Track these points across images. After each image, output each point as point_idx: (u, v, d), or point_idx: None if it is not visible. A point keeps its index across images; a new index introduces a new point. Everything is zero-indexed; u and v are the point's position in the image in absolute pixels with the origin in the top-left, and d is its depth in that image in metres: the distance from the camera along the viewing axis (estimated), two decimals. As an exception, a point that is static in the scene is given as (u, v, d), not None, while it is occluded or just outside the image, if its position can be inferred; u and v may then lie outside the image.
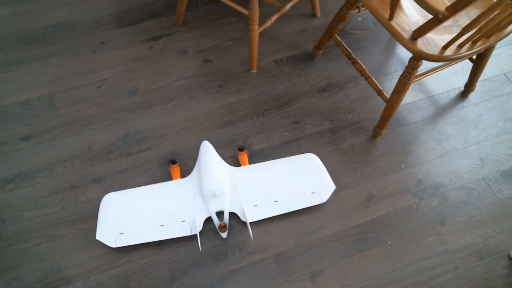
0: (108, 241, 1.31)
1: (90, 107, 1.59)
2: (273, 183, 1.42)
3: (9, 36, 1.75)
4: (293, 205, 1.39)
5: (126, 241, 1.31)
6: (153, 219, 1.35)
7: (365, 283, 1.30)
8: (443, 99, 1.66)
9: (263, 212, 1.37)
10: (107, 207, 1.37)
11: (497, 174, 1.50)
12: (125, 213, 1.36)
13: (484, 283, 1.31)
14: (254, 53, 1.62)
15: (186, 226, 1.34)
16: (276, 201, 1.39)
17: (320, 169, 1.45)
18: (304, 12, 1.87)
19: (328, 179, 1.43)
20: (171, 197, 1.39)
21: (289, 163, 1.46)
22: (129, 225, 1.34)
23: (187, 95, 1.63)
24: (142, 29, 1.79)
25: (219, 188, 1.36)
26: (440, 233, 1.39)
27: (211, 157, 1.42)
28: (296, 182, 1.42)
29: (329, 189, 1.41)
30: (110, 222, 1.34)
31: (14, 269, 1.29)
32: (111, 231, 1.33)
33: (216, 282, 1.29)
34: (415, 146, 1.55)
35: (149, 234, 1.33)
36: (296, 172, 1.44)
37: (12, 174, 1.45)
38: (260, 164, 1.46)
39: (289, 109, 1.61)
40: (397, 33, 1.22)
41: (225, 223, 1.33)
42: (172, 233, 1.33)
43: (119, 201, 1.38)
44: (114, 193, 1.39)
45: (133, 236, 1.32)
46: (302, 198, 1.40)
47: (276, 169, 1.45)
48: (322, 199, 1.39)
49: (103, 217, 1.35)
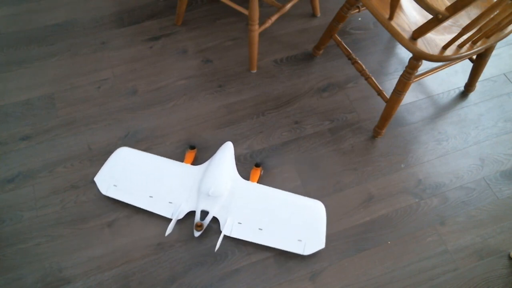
0: (102, 187, 1.39)
1: (90, 107, 1.59)
2: (269, 212, 1.36)
3: (9, 36, 1.75)
4: (273, 242, 1.32)
5: (115, 195, 1.38)
6: (147, 188, 1.39)
7: (365, 283, 1.30)
8: (443, 99, 1.66)
9: (243, 232, 1.33)
10: (117, 158, 1.44)
11: (497, 174, 1.50)
12: (127, 170, 1.42)
13: (484, 283, 1.31)
14: (254, 53, 1.62)
15: (170, 208, 1.37)
16: (261, 230, 1.33)
17: (320, 222, 1.35)
18: (304, 12, 1.87)
19: (321, 236, 1.33)
20: (172, 176, 1.41)
21: (294, 201, 1.39)
22: (125, 182, 1.40)
23: (187, 95, 1.63)
24: (142, 29, 1.79)
25: (215, 190, 1.36)
26: (440, 233, 1.39)
27: (226, 159, 1.41)
28: (290, 222, 1.35)
29: (317, 245, 1.32)
30: (112, 171, 1.41)
31: (14, 269, 1.29)
32: (108, 180, 1.40)
33: (216, 282, 1.29)
34: (415, 146, 1.55)
35: (136, 199, 1.38)
36: (296, 213, 1.36)
37: (12, 174, 1.45)
38: (266, 188, 1.41)
39: (289, 109, 1.61)
40: (397, 33, 1.22)
41: (203, 223, 1.32)
42: (155, 208, 1.37)
43: (129, 158, 1.44)
44: (128, 149, 1.46)
45: (123, 193, 1.38)
46: (287, 240, 1.32)
47: (278, 201, 1.39)
48: (305, 252, 1.30)
49: (109, 165, 1.43)
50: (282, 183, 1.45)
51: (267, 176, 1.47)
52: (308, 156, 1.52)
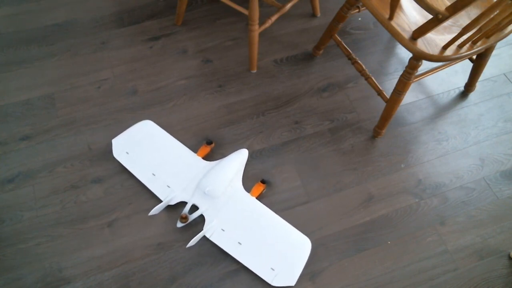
0: (115, 150, 1.45)
1: (90, 107, 1.59)
2: (254, 230, 1.33)
3: (9, 36, 1.75)
4: (247, 260, 1.29)
5: (123, 161, 1.44)
6: (153, 165, 1.43)
7: (365, 283, 1.30)
8: (443, 99, 1.66)
9: (221, 240, 1.31)
10: (140, 128, 1.51)
11: (497, 174, 1.50)
12: (143, 143, 1.47)
13: (484, 283, 1.31)
14: (254, 53, 1.62)
15: (165, 191, 1.39)
16: (240, 244, 1.31)
17: (300, 259, 1.30)
18: (304, 12, 1.86)
19: (296, 273, 1.28)
20: (180, 163, 1.44)
21: (284, 229, 1.34)
22: (137, 153, 1.45)
23: (187, 95, 1.63)
24: (142, 29, 1.79)
25: (211, 190, 1.36)
26: (440, 233, 1.39)
27: (235, 165, 1.41)
28: (270, 248, 1.30)
29: (287, 281, 1.26)
30: (129, 140, 1.47)
31: (14, 269, 1.29)
32: (124, 146, 1.46)
33: (216, 282, 1.29)
34: (415, 146, 1.55)
35: (139, 172, 1.43)
36: (281, 241, 1.32)
37: (12, 174, 1.45)
38: (262, 206, 1.38)
39: (289, 109, 1.61)
40: (397, 33, 1.22)
41: (187, 216, 1.33)
42: (152, 187, 1.40)
43: (150, 132, 1.50)
44: (152, 123, 1.52)
45: (131, 162, 1.44)
46: (260, 264, 1.28)
47: (269, 223, 1.35)
48: (273, 282, 1.26)
49: (130, 133, 1.49)
50: (282, 183, 1.45)
51: (267, 176, 1.47)
52: (308, 156, 1.52)
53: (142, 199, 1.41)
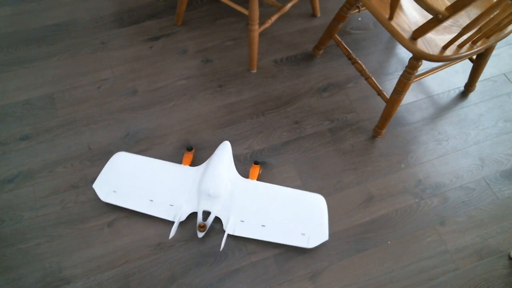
0: (101, 194, 1.37)
1: (90, 107, 1.59)
2: (270, 208, 1.37)
3: (9, 36, 1.75)
4: (277, 237, 1.33)
5: (115, 200, 1.37)
6: (147, 191, 1.38)
7: (365, 283, 1.30)
8: (443, 99, 1.66)
9: (246, 230, 1.34)
10: (114, 163, 1.43)
11: (497, 174, 1.50)
12: (126, 175, 1.41)
13: (484, 283, 1.31)
14: (254, 53, 1.62)
15: (171, 211, 1.36)
16: (264, 226, 1.34)
17: (322, 215, 1.37)
18: (304, 12, 1.87)
19: (324, 228, 1.35)
20: (171, 179, 1.41)
21: (295, 196, 1.40)
22: (125, 187, 1.39)
23: (187, 95, 1.63)
24: (142, 29, 1.79)
25: (215, 190, 1.36)
26: (440, 233, 1.39)
27: (224, 158, 1.41)
28: (292, 217, 1.36)
29: (321, 238, 1.33)
30: (111, 177, 1.40)
31: (14, 269, 1.29)
32: (107, 186, 1.39)
33: (216, 282, 1.29)
34: (415, 146, 1.55)
35: (136, 204, 1.37)
36: (297, 207, 1.37)
37: (12, 174, 1.45)
38: (266, 185, 1.42)
39: (289, 109, 1.61)
40: (397, 33, 1.22)
41: (205, 224, 1.32)
42: (156, 212, 1.36)
43: (126, 162, 1.43)
44: (125, 153, 1.45)
45: (123, 198, 1.37)
46: (290, 234, 1.33)
47: (279, 196, 1.39)
48: (309, 245, 1.32)
49: (107, 171, 1.41)
50: (282, 183, 1.45)
51: (267, 175, 1.47)
52: (308, 156, 1.52)
53: (142, 199, 1.41)
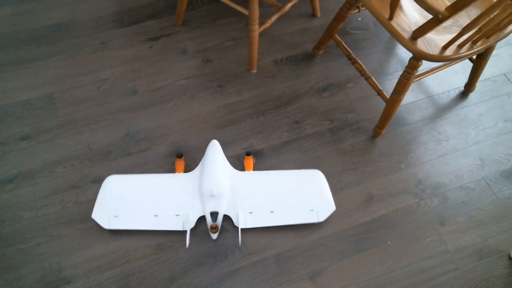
0: (102, 222, 1.33)
1: (90, 107, 1.59)
2: (273, 194, 1.39)
3: (9, 36, 1.75)
4: (288, 219, 1.36)
5: (119, 225, 1.33)
6: (149, 208, 1.36)
7: (365, 283, 1.30)
8: (443, 99, 1.66)
9: (257, 220, 1.36)
10: (108, 188, 1.38)
11: (497, 174, 1.50)
12: (123, 197, 1.37)
13: (484, 283, 1.31)
14: (254, 53, 1.62)
15: (179, 220, 1.34)
16: (273, 212, 1.36)
17: (323, 188, 1.41)
18: (304, 12, 1.87)
19: (329, 199, 1.39)
20: (170, 189, 1.39)
21: (293, 176, 1.43)
22: (125, 209, 1.35)
23: (187, 95, 1.63)
24: (142, 29, 1.79)
25: (217, 189, 1.36)
26: (440, 233, 1.39)
27: (217, 157, 1.41)
28: (296, 197, 1.39)
29: (329, 210, 1.38)
30: (108, 203, 1.36)
31: (14, 269, 1.29)
32: (107, 213, 1.34)
33: (216, 282, 1.29)
34: (415, 146, 1.55)
35: (142, 222, 1.34)
36: (299, 186, 1.41)
37: (12, 174, 1.45)
38: (264, 172, 1.44)
39: (289, 109, 1.61)
40: (397, 33, 1.22)
41: (217, 224, 1.32)
42: (164, 225, 1.34)
43: (120, 184, 1.39)
44: (116, 176, 1.41)
45: (127, 221, 1.34)
46: (300, 213, 1.37)
47: (279, 180, 1.42)
48: (320, 218, 1.36)
49: (102, 197, 1.37)
50: (282, 183, 1.45)
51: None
52: (308, 156, 1.52)
53: (142, 199, 1.41)
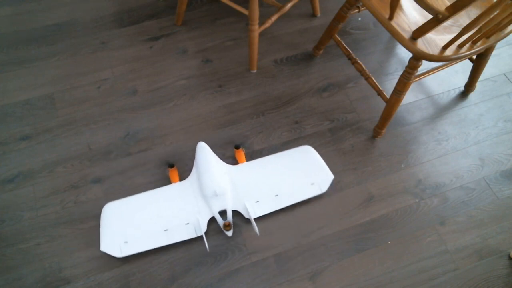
0: (113, 251, 1.28)
1: (90, 107, 1.59)
2: (273, 178, 1.43)
3: (9, 36, 1.75)
4: (294, 198, 1.39)
5: (131, 250, 1.29)
6: (157, 224, 1.33)
7: (365, 283, 1.30)
8: (443, 99, 1.66)
9: (265, 207, 1.38)
10: (109, 216, 1.34)
11: (497, 174, 1.50)
12: (127, 221, 1.33)
13: (484, 283, 1.31)
14: (254, 53, 1.62)
15: (190, 228, 1.33)
16: (277, 195, 1.40)
17: (317, 160, 1.46)
18: (304, 12, 1.87)
19: (326, 170, 1.44)
20: (172, 201, 1.38)
21: (286, 156, 1.47)
22: (133, 232, 1.31)
23: (187, 95, 1.63)
24: (142, 29, 1.79)
25: (219, 188, 1.36)
26: (440, 233, 1.39)
27: (209, 157, 1.41)
28: (295, 175, 1.43)
29: (328, 179, 1.43)
30: (113, 231, 1.31)
31: (14, 269, 1.29)
32: (115, 241, 1.30)
33: (216, 282, 1.29)
34: (415, 146, 1.55)
35: (154, 240, 1.31)
36: (294, 165, 1.45)
37: (12, 174, 1.45)
38: (257, 160, 1.47)
39: (289, 109, 1.61)
40: (397, 33, 1.22)
41: (229, 221, 1.33)
42: (177, 237, 1.32)
43: (120, 210, 1.35)
44: (114, 202, 1.37)
45: (138, 243, 1.30)
46: (302, 190, 1.41)
47: (274, 164, 1.46)
48: (322, 189, 1.41)
49: (106, 227, 1.32)
50: (282, 183, 1.46)
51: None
52: (308, 156, 1.52)
53: (142, 199, 1.41)
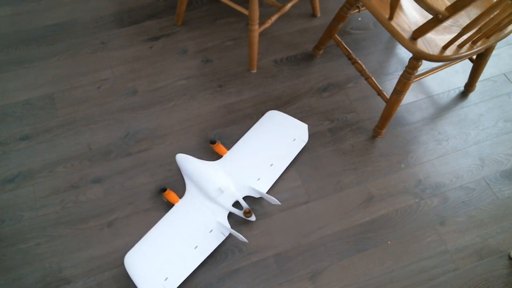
0: None
1: (90, 107, 1.59)
2: (259, 153, 1.48)
3: (9, 36, 1.75)
4: (286, 159, 1.47)
5: (175, 283, 1.26)
6: (185, 247, 1.31)
7: (365, 283, 1.30)
8: (443, 99, 1.66)
9: (268, 180, 1.44)
10: (135, 265, 1.28)
11: (497, 174, 1.50)
12: (155, 260, 1.29)
13: (484, 283, 1.31)
14: (254, 53, 1.62)
15: (216, 233, 1.33)
16: (272, 165, 1.46)
17: (286, 119, 1.55)
18: (304, 12, 1.87)
19: (297, 122, 1.54)
20: (185, 219, 1.36)
21: (259, 128, 1.53)
22: (167, 267, 1.28)
23: (187, 95, 1.63)
24: (142, 29, 1.79)
25: (222, 183, 1.38)
26: (440, 233, 1.39)
27: (194, 164, 1.42)
28: (276, 140, 1.50)
29: (304, 129, 1.53)
30: (148, 276, 1.26)
31: (14, 269, 1.29)
32: (156, 283, 1.25)
33: (216, 282, 1.29)
34: (415, 146, 1.55)
35: (190, 263, 1.29)
36: (269, 132, 1.52)
37: (12, 174, 1.45)
38: (237, 145, 1.50)
39: (289, 109, 1.61)
40: (397, 33, 1.22)
41: (248, 208, 1.35)
42: (210, 247, 1.31)
43: (141, 253, 1.30)
44: (132, 250, 1.31)
45: (178, 273, 1.27)
46: (289, 149, 1.49)
47: (252, 140, 1.51)
48: (304, 140, 1.51)
49: (138, 276, 1.26)
50: (282, 183, 1.45)
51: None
52: (308, 156, 1.52)
53: (142, 199, 1.41)
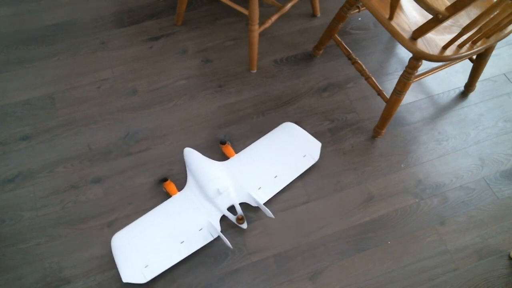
0: (137, 279, 1.24)
1: (90, 107, 1.59)
2: (266, 161, 1.46)
3: (9, 36, 1.75)
4: (292, 174, 1.44)
5: (154, 272, 1.26)
6: (171, 239, 1.31)
7: (365, 283, 1.30)
8: (443, 99, 1.66)
9: (269, 190, 1.41)
10: (120, 246, 1.30)
11: (497, 174, 1.50)
12: (140, 245, 1.30)
13: (484, 283, 1.31)
14: (254, 53, 1.62)
15: (205, 233, 1.33)
16: (276, 176, 1.43)
17: (301, 133, 1.51)
18: (304, 12, 1.87)
19: (312, 139, 1.50)
20: (178, 212, 1.36)
21: (272, 138, 1.51)
22: (150, 254, 1.29)
23: (187, 95, 1.63)
24: (142, 29, 1.79)
25: (221, 185, 1.37)
26: (440, 233, 1.39)
27: (200, 160, 1.42)
28: (286, 153, 1.47)
29: (317, 147, 1.48)
30: (130, 259, 1.28)
31: (14, 269, 1.29)
32: (135, 268, 1.26)
33: (216, 282, 1.29)
34: (415, 146, 1.55)
35: (174, 256, 1.29)
36: (281, 143, 1.49)
37: (12, 174, 1.45)
38: (246, 150, 1.49)
39: (289, 109, 1.61)
40: (397, 33, 1.23)
41: (241, 214, 1.34)
42: (195, 245, 1.31)
43: (129, 236, 1.32)
44: (121, 231, 1.33)
45: (159, 263, 1.27)
46: (297, 164, 1.46)
47: (263, 148, 1.49)
48: (315, 158, 1.47)
49: (120, 258, 1.28)
50: (282, 183, 1.45)
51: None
52: (308, 156, 1.52)
53: (142, 199, 1.41)
